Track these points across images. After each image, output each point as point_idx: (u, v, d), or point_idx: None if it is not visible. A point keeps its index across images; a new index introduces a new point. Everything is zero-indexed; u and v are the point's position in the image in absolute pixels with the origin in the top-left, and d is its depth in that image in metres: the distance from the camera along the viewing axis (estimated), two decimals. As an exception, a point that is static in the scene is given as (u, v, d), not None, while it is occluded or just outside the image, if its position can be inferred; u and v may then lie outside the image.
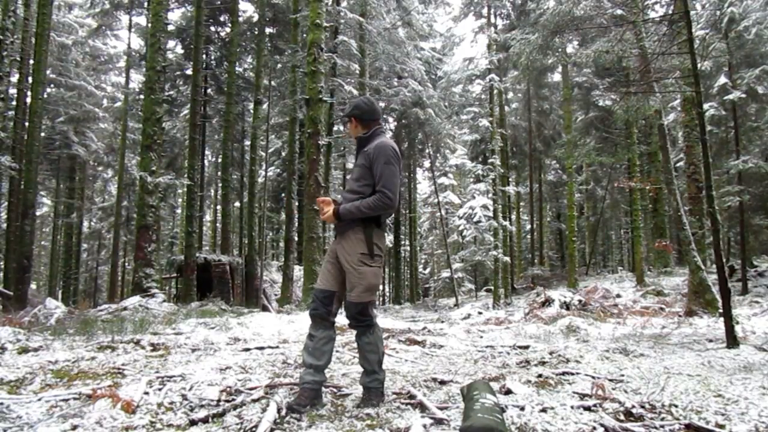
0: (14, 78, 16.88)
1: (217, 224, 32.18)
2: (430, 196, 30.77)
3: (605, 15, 8.67)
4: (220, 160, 24.62)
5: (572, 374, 3.55)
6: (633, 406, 2.49)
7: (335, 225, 2.92)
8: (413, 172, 30.77)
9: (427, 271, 39.19)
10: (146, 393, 2.80)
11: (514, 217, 29.80)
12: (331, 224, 3.11)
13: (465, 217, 25.02)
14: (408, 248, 33.16)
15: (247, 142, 23.81)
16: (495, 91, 20.40)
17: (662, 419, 2.40)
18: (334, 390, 3.14)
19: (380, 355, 2.91)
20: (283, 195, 24.80)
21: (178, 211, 33.92)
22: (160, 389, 2.92)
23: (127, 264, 30.38)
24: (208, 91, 22.52)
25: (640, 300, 12.54)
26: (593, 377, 3.40)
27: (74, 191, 27.55)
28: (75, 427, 2.28)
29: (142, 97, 17.54)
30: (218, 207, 30.50)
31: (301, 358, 2.88)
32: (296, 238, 18.72)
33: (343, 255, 2.84)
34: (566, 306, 10.15)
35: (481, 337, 6.67)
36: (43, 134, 20.91)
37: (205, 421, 2.44)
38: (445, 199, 28.70)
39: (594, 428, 2.22)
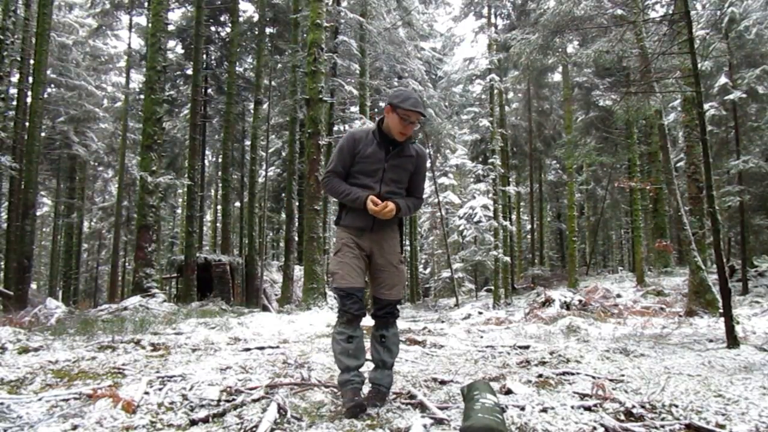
0: (14, 78, 16.89)
1: (218, 224, 32.21)
2: (430, 196, 30.76)
3: (605, 15, 8.67)
4: (220, 160, 24.63)
5: (572, 374, 3.55)
6: (633, 406, 2.49)
7: (374, 223, 2.75)
8: (413, 172, 30.65)
9: (428, 271, 39.18)
10: (147, 393, 2.80)
11: (514, 217, 29.81)
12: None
13: (465, 217, 25.03)
14: (408, 248, 33.17)
15: (248, 142, 23.83)
16: (495, 91, 20.41)
17: (662, 419, 2.39)
18: (334, 390, 3.14)
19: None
20: (283, 195, 24.79)
21: (179, 211, 33.94)
22: (160, 389, 2.92)
23: (127, 264, 30.39)
24: (209, 91, 22.53)
25: (640, 300, 12.53)
26: (593, 377, 3.40)
27: (74, 191, 27.56)
28: (75, 427, 2.29)
29: (142, 97, 17.56)
30: (218, 207, 30.52)
31: (339, 364, 2.68)
32: (296, 238, 18.71)
33: (383, 254, 2.80)
34: (566, 306, 10.15)
35: (482, 337, 6.67)
36: (43, 134, 20.94)
37: (205, 421, 2.44)
38: (445, 199, 28.69)
39: (594, 428, 2.22)
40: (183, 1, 21.42)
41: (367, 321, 2.91)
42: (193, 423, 2.41)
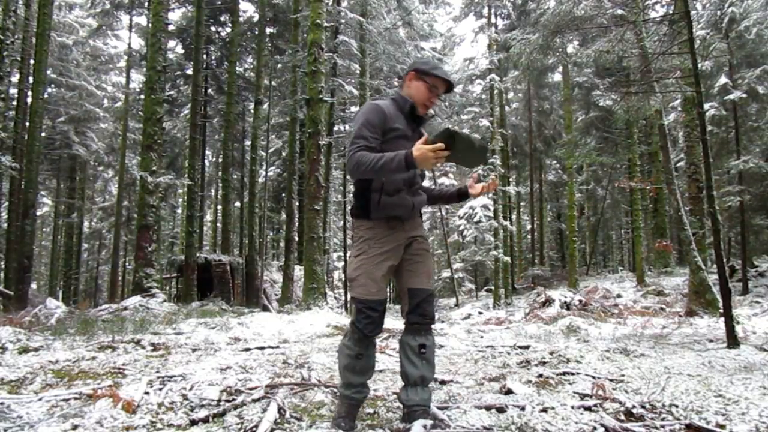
0: (15, 78, 16.90)
1: (218, 224, 32.19)
2: (430, 196, 30.78)
3: (606, 15, 8.67)
4: (220, 160, 24.65)
5: (573, 374, 3.55)
6: (633, 406, 2.49)
7: (413, 207, 2.38)
8: (413, 172, 30.68)
9: (428, 271, 39.13)
10: (147, 393, 2.80)
11: (514, 217, 29.81)
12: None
13: (465, 217, 25.04)
14: (408, 248, 33.10)
15: (248, 142, 23.82)
16: (495, 91, 20.41)
17: (663, 419, 2.39)
18: (334, 390, 3.14)
19: None
20: (283, 195, 24.79)
21: (179, 211, 33.92)
22: (160, 389, 2.92)
23: (127, 264, 30.40)
24: (209, 91, 22.54)
25: (640, 300, 12.54)
26: (594, 377, 3.40)
27: (75, 191, 27.56)
28: (75, 427, 2.29)
29: (142, 97, 17.56)
30: (218, 207, 30.52)
31: (342, 377, 2.38)
32: (297, 238, 18.70)
33: (419, 240, 2.43)
34: (567, 306, 10.15)
35: (482, 337, 6.67)
36: (43, 134, 20.94)
37: (205, 420, 2.44)
38: (445, 199, 28.67)
39: (594, 428, 2.22)
40: (183, 1, 21.43)
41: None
42: (193, 423, 2.41)
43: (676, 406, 2.55)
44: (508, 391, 3.01)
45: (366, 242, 2.32)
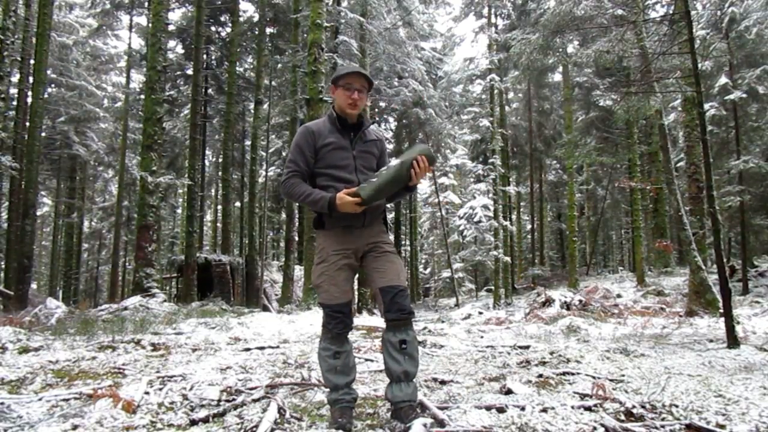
0: (15, 78, 16.90)
1: (218, 224, 32.19)
2: (430, 196, 30.81)
3: (606, 15, 8.67)
4: (220, 160, 24.64)
5: (573, 374, 3.55)
6: (633, 406, 2.49)
7: (365, 217, 2.47)
8: (414, 172, 30.69)
9: (428, 271, 39.20)
10: (147, 393, 2.80)
11: (514, 217, 29.82)
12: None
13: (465, 217, 25.04)
14: (408, 248, 33.17)
15: (248, 142, 23.83)
16: (495, 91, 20.40)
17: (663, 419, 2.39)
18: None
19: None
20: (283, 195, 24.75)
21: (179, 211, 33.93)
22: (160, 389, 2.92)
23: (127, 264, 30.40)
24: (209, 91, 22.54)
25: (640, 300, 12.54)
26: (594, 377, 3.40)
27: (75, 191, 27.55)
28: (76, 427, 2.29)
29: (142, 97, 17.55)
30: (219, 207, 30.53)
31: (327, 382, 2.46)
32: (297, 238, 18.71)
33: (379, 245, 2.52)
34: (567, 306, 10.15)
35: (482, 337, 6.67)
36: (43, 134, 20.94)
37: (205, 420, 2.44)
38: (445, 199, 28.69)
39: (594, 428, 2.22)
40: (183, 1, 21.43)
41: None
42: (194, 423, 2.41)
43: (676, 406, 2.55)
44: (508, 391, 3.01)
45: (325, 250, 2.49)
